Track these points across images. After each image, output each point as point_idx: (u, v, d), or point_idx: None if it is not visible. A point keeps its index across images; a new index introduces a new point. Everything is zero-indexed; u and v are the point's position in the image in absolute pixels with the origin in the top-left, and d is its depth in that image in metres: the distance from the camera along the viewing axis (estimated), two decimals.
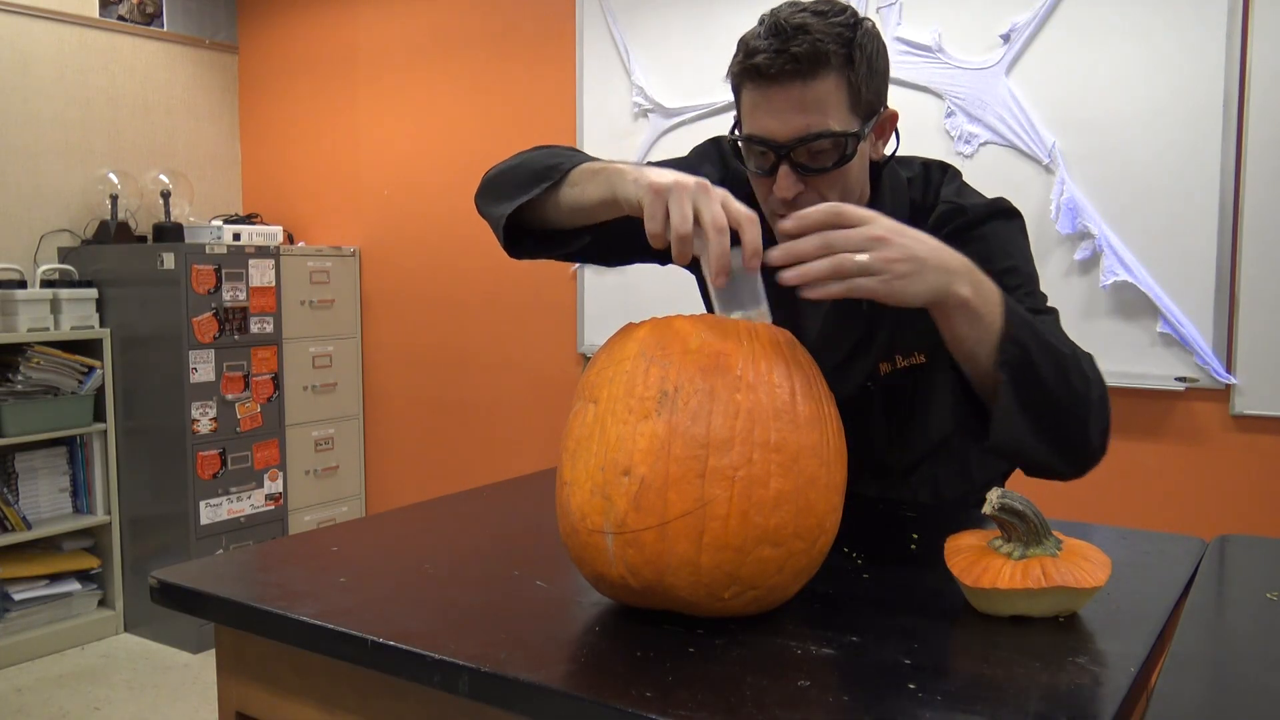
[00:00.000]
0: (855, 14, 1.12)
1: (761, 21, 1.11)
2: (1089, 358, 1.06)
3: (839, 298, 0.93)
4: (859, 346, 1.25)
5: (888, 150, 1.22)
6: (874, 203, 1.22)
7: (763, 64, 1.07)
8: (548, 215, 1.17)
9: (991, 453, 1.04)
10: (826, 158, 1.11)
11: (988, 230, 1.19)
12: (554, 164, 1.14)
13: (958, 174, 1.28)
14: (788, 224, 0.94)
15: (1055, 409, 1.01)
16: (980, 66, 2.48)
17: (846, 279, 0.92)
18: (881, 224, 0.94)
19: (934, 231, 1.06)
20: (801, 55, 1.06)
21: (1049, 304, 1.19)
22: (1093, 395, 1.03)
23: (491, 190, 1.25)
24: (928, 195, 1.25)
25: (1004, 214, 1.21)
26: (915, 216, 1.22)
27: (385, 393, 3.80)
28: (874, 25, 1.15)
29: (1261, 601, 0.94)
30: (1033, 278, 1.19)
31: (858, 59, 1.10)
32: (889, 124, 1.19)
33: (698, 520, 0.82)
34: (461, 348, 3.57)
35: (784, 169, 1.10)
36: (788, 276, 0.93)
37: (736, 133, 1.18)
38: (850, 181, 1.15)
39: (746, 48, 1.11)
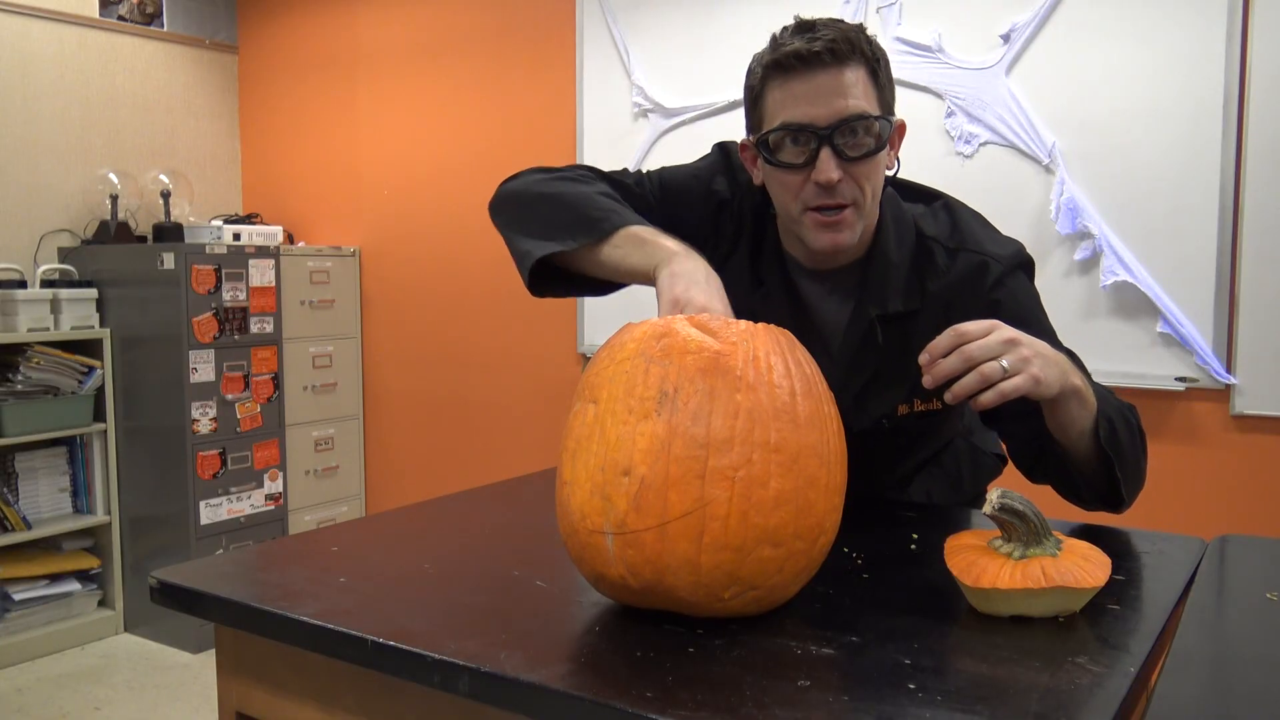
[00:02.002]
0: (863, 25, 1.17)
1: (780, 31, 1.15)
2: (1133, 409, 1.17)
3: (995, 405, 0.98)
4: (876, 380, 1.25)
5: (889, 171, 1.22)
6: (877, 226, 1.22)
7: (802, 49, 1.10)
8: (578, 262, 1.17)
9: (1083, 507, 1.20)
10: (863, 145, 1.13)
11: (1014, 285, 1.22)
12: (599, 217, 1.14)
13: (964, 206, 1.29)
14: (923, 358, 1.00)
15: (1137, 469, 1.16)
16: (980, 66, 2.48)
17: (995, 385, 0.97)
18: (1005, 329, 0.99)
19: (957, 280, 1.19)
20: (837, 39, 1.10)
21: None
22: (1144, 445, 1.17)
23: (518, 216, 1.24)
24: (939, 227, 1.24)
25: (1024, 266, 1.24)
26: (922, 248, 1.22)
27: (385, 393, 3.80)
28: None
29: (1261, 601, 0.94)
30: (1054, 331, 1.21)
31: (880, 56, 1.15)
32: (899, 134, 1.20)
33: (698, 520, 0.82)
34: (461, 348, 3.57)
35: (826, 152, 1.11)
36: (946, 398, 1.00)
37: (762, 132, 1.16)
38: (878, 177, 1.16)
39: (775, 45, 1.14)
